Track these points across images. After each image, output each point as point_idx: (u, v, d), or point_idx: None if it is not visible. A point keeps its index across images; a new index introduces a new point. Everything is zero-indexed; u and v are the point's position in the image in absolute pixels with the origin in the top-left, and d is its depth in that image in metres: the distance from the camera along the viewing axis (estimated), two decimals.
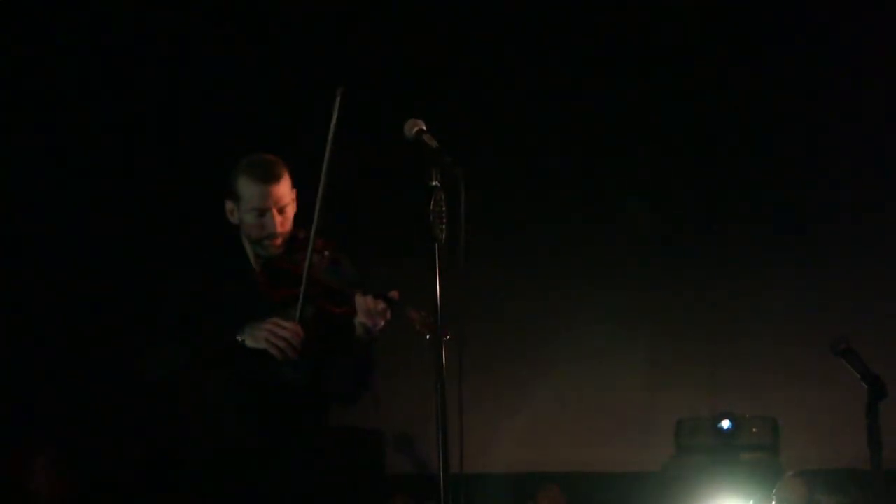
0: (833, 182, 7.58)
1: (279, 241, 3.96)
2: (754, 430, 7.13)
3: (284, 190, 3.96)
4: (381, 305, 3.82)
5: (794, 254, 7.60)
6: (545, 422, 7.47)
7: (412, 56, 7.53)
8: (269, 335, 3.80)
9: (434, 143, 3.60)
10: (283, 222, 3.95)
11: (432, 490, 3.47)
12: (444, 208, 3.51)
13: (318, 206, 3.83)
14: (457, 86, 7.55)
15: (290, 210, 3.98)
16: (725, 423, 7.09)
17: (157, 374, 4.01)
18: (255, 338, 3.82)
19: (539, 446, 7.52)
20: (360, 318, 3.82)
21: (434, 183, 3.53)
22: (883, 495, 4.17)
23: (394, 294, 3.84)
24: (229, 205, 4.01)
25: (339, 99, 3.80)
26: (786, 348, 7.41)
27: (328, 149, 3.83)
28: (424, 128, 3.66)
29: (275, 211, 3.93)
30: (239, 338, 3.83)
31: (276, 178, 3.95)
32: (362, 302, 3.81)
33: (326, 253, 3.94)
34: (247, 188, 3.94)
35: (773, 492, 6.02)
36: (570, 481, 7.27)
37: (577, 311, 7.55)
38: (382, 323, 3.84)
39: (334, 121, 3.80)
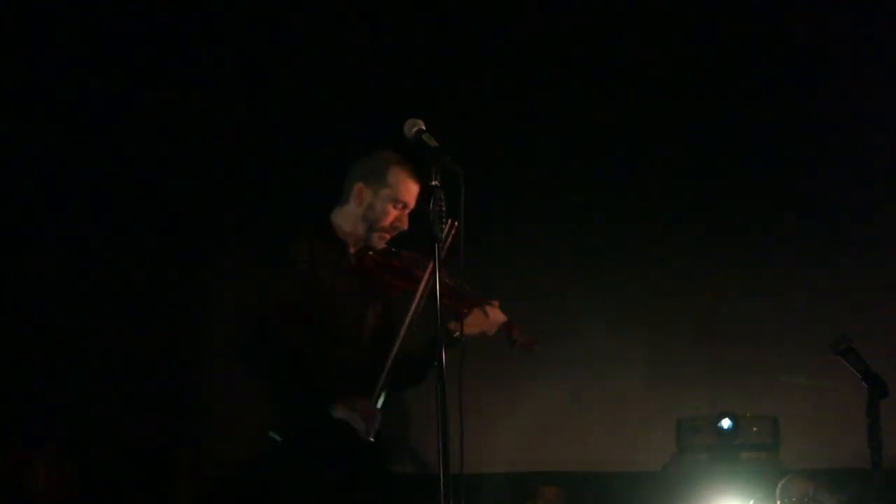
0: (833, 182, 7.57)
1: (389, 237, 4.15)
2: (755, 429, 7.12)
3: (418, 194, 4.15)
4: (501, 319, 4.14)
5: (795, 254, 7.60)
6: (545, 422, 7.46)
7: (412, 56, 7.53)
8: (365, 414, 3.95)
9: (434, 143, 3.62)
10: (406, 222, 4.15)
11: (432, 490, 3.46)
12: (443, 208, 3.52)
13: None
14: (457, 86, 7.54)
15: None
16: (726, 423, 7.08)
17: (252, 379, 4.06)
18: (350, 409, 3.95)
19: (539, 446, 7.51)
20: (483, 326, 4.07)
21: (434, 182, 3.55)
22: (883, 494, 4.17)
23: (496, 303, 4.12)
24: (361, 187, 4.12)
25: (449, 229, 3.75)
26: (787, 348, 7.40)
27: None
28: (424, 128, 3.67)
29: (408, 210, 4.14)
30: (332, 406, 3.95)
31: (420, 182, 4.11)
32: (495, 312, 4.09)
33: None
34: (400, 181, 4.12)
35: (777, 490, 6.03)
36: (571, 481, 7.26)
37: (577, 310, 7.55)
38: (491, 333, 4.12)
39: (443, 252, 3.73)
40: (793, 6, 7.64)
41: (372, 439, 3.99)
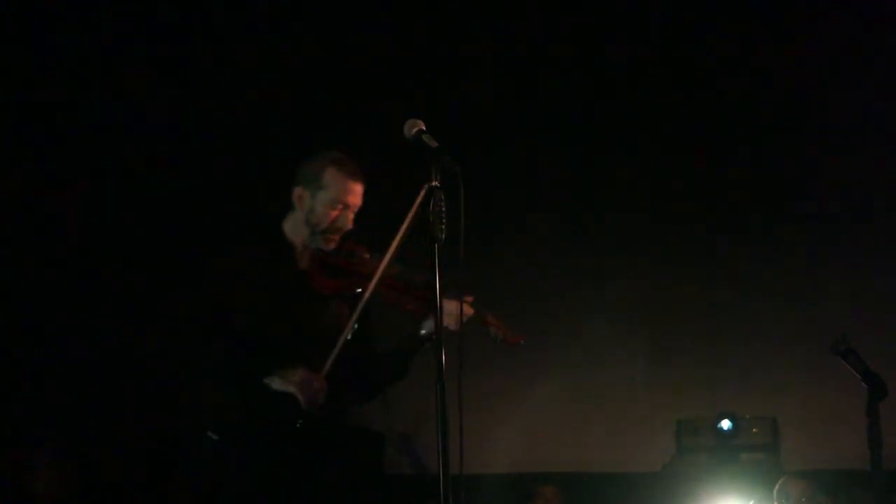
0: (833, 182, 7.57)
1: (338, 237, 4.11)
2: (754, 430, 7.12)
3: (362, 193, 4.13)
4: (469, 311, 3.98)
5: (795, 254, 7.60)
6: (545, 422, 7.46)
7: (412, 55, 7.53)
8: (303, 384, 3.89)
9: (434, 143, 3.61)
10: (352, 221, 4.11)
11: (432, 490, 3.46)
12: (443, 208, 3.52)
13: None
14: (457, 86, 7.54)
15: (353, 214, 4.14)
16: (725, 424, 7.08)
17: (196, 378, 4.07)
18: (286, 381, 3.90)
19: (539, 446, 7.51)
20: (445, 321, 3.88)
21: (434, 183, 3.54)
22: (883, 495, 4.17)
23: (470, 299, 3.99)
24: (300, 191, 4.11)
25: (426, 189, 3.77)
26: (786, 348, 7.40)
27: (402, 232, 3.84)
28: (424, 128, 3.67)
29: (351, 209, 4.09)
30: (266, 380, 3.92)
31: (361, 180, 4.12)
32: (453, 305, 3.91)
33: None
34: (335, 181, 4.08)
35: (774, 491, 6.04)
36: (571, 482, 7.26)
37: (577, 310, 7.55)
38: (458, 327, 3.95)
39: (415, 208, 3.72)
40: (793, 6, 7.64)
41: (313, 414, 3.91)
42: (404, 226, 3.83)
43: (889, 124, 7.50)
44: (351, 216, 4.10)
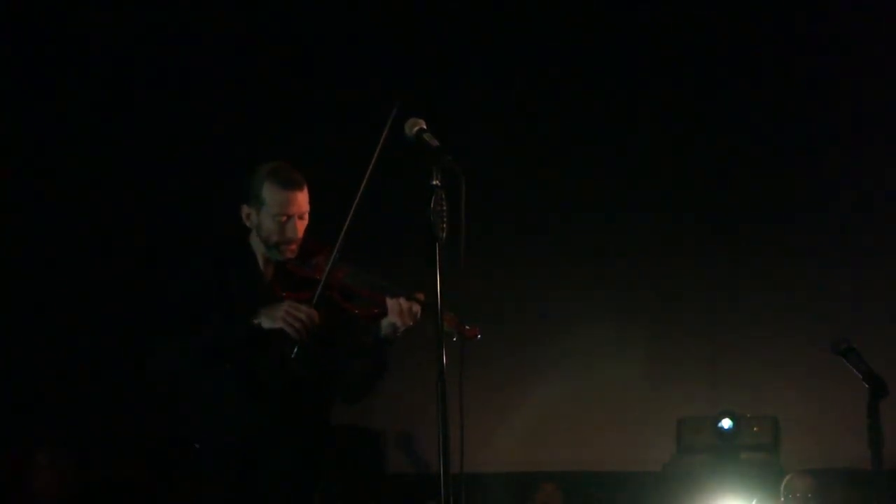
0: (833, 182, 7.57)
1: (295, 246, 4.07)
2: (755, 429, 7.12)
3: (306, 198, 4.08)
4: (416, 307, 3.91)
5: (795, 253, 7.59)
6: (545, 421, 7.46)
7: (412, 55, 7.53)
8: (287, 315, 3.88)
9: (435, 143, 3.61)
10: (302, 228, 4.07)
11: (433, 489, 3.46)
12: (444, 207, 3.51)
13: (352, 211, 3.87)
14: (457, 85, 7.54)
15: (307, 218, 4.10)
16: (726, 423, 7.08)
17: (170, 366, 4.06)
18: (272, 317, 3.90)
19: (539, 446, 7.51)
20: (392, 319, 3.90)
21: (435, 182, 3.54)
22: (884, 494, 4.18)
23: (420, 296, 3.93)
24: (246, 209, 4.10)
25: (394, 111, 3.78)
26: (786, 348, 7.40)
27: (375, 157, 3.83)
28: (425, 127, 3.66)
29: (297, 217, 4.04)
30: (255, 321, 3.91)
31: (300, 186, 4.07)
32: (395, 304, 3.89)
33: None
34: (272, 194, 4.04)
35: (781, 487, 6.03)
36: (571, 481, 7.26)
37: (577, 310, 7.55)
38: (412, 323, 3.92)
39: (386, 131, 3.78)
40: (793, 7, 7.64)
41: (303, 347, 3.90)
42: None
43: (889, 123, 7.50)
44: (300, 224, 4.05)
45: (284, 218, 4.03)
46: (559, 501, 7.05)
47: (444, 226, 3.52)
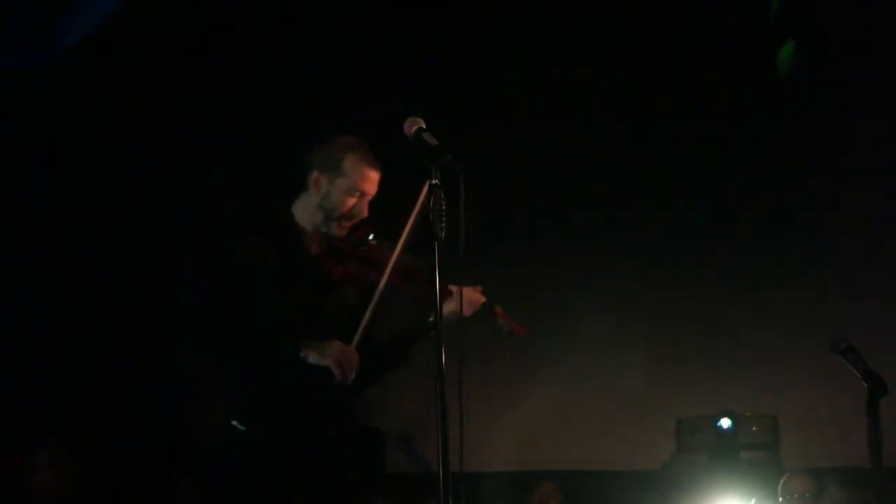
0: (833, 182, 7.58)
1: (350, 224, 4.05)
2: (754, 428, 7.13)
3: (378, 180, 4.07)
4: (479, 297, 4.02)
5: (795, 254, 7.60)
6: (545, 420, 7.47)
7: (412, 54, 7.54)
8: (340, 355, 3.88)
9: (434, 142, 3.61)
10: (366, 209, 4.06)
11: (432, 489, 3.46)
12: (443, 206, 3.52)
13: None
14: (457, 85, 7.55)
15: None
16: (726, 422, 7.09)
17: (205, 363, 4.05)
18: (322, 354, 3.88)
19: (539, 444, 7.52)
20: (452, 306, 3.90)
21: (434, 181, 3.54)
22: (883, 493, 4.17)
23: (479, 288, 4.04)
24: (317, 175, 4.04)
25: (432, 180, 3.77)
26: (785, 347, 7.41)
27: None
28: (424, 126, 3.67)
29: (368, 197, 4.04)
30: (302, 353, 3.89)
31: (379, 167, 4.06)
32: (458, 291, 3.91)
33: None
34: (355, 168, 4.00)
35: (779, 487, 6.03)
36: (571, 480, 7.27)
37: (577, 309, 7.55)
38: (469, 313, 3.98)
39: (417, 209, 3.77)
40: (793, 7, 7.65)
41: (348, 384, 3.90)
42: (414, 213, 3.83)
43: (890, 124, 7.50)
44: (366, 204, 4.04)
45: (358, 194, 4.01)
46: (558, 500, 7.06)
47: (444, 224, 3.52)
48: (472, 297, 4.02)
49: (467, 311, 3.96)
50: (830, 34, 7.53)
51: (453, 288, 3.95)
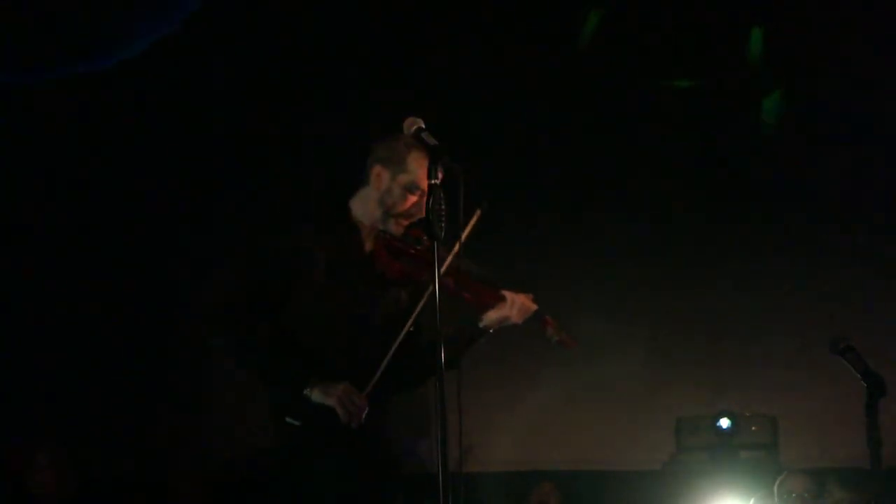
0: (833, 182, 7.58)
1: (408, 222, 3.97)
2: (754, 428, 7.13)
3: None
4: (531, 305, 4.05)
5: (795, 254, 7.60)
6: (544, 420, 7.47)
7: (413, 54, 7.54)
8: (344, 396, 3.81)
9: (433, 141, 3.61)
10: (424, 209, 3.93)
11: (431, 488, 3.46)
12: (443, 206, 3.52)
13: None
14: (457, 85, 7.55)
15: None
16: (725, 422, 7.09)
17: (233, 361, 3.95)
18: (326, 395, 3.81)
19: (538, 444, 7.52)
20: (504, 312, 3.96)
21: (434, 181, 3.54)
22: (883, 493, 4.17)
23: (531, 296, 4.07)
24: (378, 169, 3.94)
25: (478, 211, 3.77)
26: (785, 347, 7.41)
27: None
28: (423, 126, 3.67)
29: (426, 196, 3.87)
30: (306, 391, 3.82)
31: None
32: (512, 297, 3.98)
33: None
34: (421, 166, 3.85)
35: (775, 487, 6.03)
36: (571, 480, 7.27)
37: (576, 309, 7.52)
38: (519, 321, 4.03)
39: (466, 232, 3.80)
40: (793, 8, 7.65)
41: (356, 426, 3.85)
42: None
43: (889, 122, 7.50)
44: (424, 203, 3.82)
45: (419, 192, 3.90)
46: (558, 500, 7.06)
47: (443, 224, 3.52)
48: (525, 304, 4.04)
49: (518, 319, 4.01)
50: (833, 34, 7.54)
51: (507, 294, 3.98)
